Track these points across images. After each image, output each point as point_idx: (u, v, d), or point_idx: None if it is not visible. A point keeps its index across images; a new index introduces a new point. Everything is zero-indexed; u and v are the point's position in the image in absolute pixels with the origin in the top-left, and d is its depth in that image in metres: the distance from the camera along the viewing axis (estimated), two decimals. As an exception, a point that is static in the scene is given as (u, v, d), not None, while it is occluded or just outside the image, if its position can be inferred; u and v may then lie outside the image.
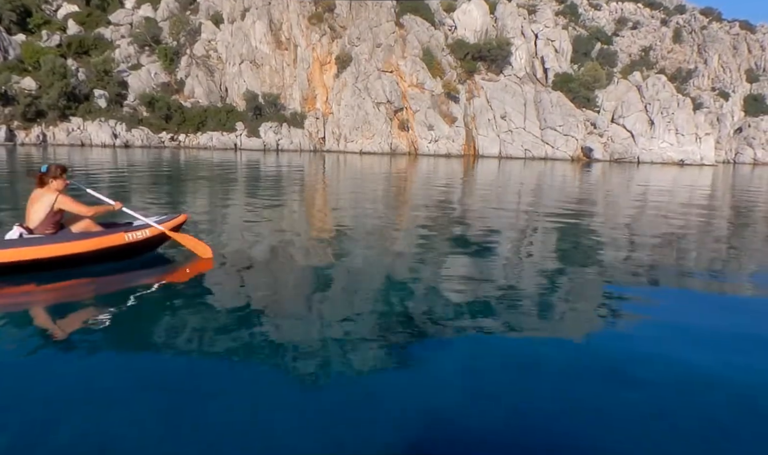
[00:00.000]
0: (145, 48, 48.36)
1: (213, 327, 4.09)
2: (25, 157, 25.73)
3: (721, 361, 3.78)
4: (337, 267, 6.22)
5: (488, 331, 4.26)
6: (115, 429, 2.68)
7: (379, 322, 4.30)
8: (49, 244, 5.01)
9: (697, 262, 7.25)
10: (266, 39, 47.63)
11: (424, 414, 2.92)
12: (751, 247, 8.73)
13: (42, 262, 4.97)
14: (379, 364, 3.54)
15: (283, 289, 5.47)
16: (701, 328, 4.50)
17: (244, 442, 2.60)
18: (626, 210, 13.21)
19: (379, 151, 44.45)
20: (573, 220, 10.84)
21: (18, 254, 4.87)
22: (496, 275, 6.03)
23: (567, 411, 3.01)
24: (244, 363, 3.49)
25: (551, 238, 8.71)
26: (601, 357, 3.81)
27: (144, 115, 43.22)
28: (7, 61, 42.45)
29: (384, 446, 2.62)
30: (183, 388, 3.14)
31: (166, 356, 3.58)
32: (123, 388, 3.10)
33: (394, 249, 7.31)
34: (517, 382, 3.34)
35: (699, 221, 11.69)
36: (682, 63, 69.15)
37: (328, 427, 2.76)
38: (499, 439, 2.73)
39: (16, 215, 8.09)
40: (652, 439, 2.74)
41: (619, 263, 6.93)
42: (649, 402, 3.14)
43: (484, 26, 52.44)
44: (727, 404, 3.17)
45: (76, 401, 2.95)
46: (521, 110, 47.58)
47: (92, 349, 3.63)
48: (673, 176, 28.96)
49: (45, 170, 5.17)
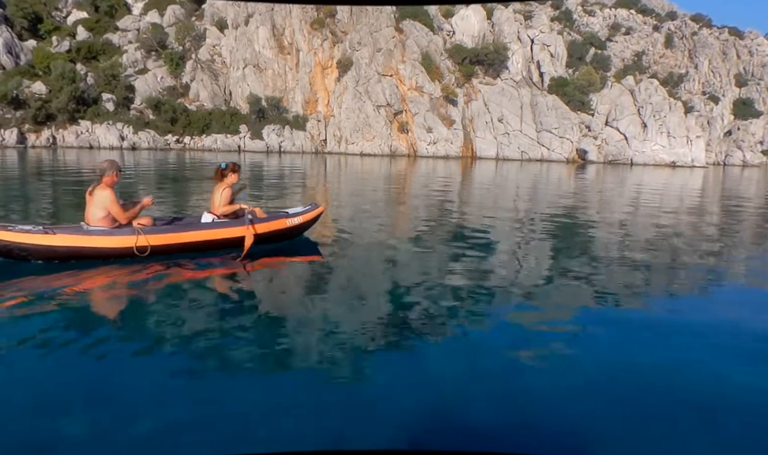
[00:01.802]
0: (151, 53, 48.32)
1: (227, 319, 4.11)
2: (36, 159, 25.72)
3: (711, 353, 3.81)
4: (339, 266, 6.23)
5: (486, 327, 4.28)
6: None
7: (379, 318, 4.31)
8: (236, 226, 6.03)
9: (689, 260, 7.27)
10: (269, 44, 47.60)
11: (423, 407, 2.93)
12: (744, 243, 8.75)
13: (233, 240, 5.98)
14: (379, 359, 3.56)
15: (284, 285, 5.49)
16: (693, 322, 4.52)
17: (250, 433, 2.62)
18: (621, 210, 13.23)
19: (379, 153, 44.43)
20: (569, 220, 10.86)
21: (216, 234, 5.98)
22: (495, 273, 6.05)
23: (562, 402, 3.03)
24: (246, 360, 3.50)
25: (548, 237, 8.73)
26: (594, 350, 3.83)
27: (150, 118, 43.18)
28: (19, 66, 42.40)
29: (385, 438, 2.64)
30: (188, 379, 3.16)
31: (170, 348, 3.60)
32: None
33: (393, 249, 7.32)
34: (514, 377, 3.36)
35: (692, 220, 11.71)
36: (673, 67, 69.12)
37: (330, 419, 2.77)
38: (496, 430, 2.75)
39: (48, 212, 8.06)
40: (644, 429, 2.76)
41: (614, 260, 6.95)
42: (640, 394, 3.16)
43: (482, 31, 52.42)
44: (713, 392, 3.20)
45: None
46: (518, 113, 47.55)
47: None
48: (666, 178, 28.96)
49: (224, 167, 6.26)
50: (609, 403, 3.04)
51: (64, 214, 9.27)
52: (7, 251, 5.25)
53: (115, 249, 5.44)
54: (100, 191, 5.49)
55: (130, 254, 5.46)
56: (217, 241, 5.97)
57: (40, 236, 5.23)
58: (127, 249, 5.45)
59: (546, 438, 2.67)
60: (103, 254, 5.42)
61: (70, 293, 4.65)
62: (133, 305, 4.56)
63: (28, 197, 12.10)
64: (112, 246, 5.43)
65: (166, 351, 3.56)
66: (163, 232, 5.75)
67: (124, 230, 5.52)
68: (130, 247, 5.44)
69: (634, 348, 3.88)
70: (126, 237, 5.47)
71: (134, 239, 5.45)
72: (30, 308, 4.23)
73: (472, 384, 3.25)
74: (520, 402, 3.03)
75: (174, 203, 11.48)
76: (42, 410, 2.73)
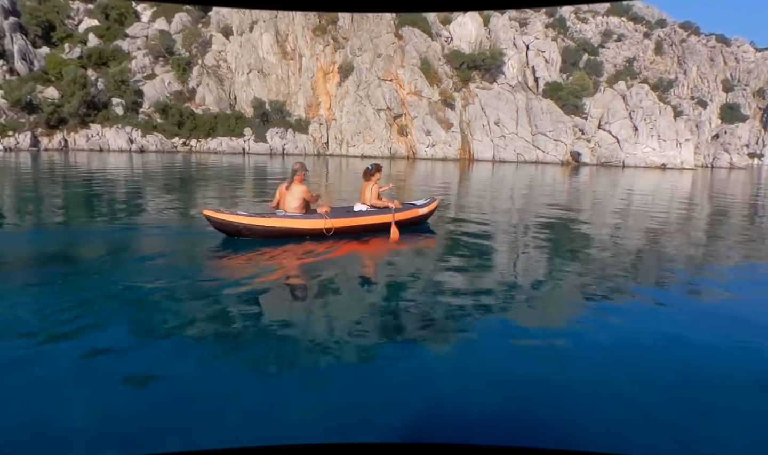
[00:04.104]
0: (159, 59, 48.25)
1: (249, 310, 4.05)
2: (48, 161, 25.68)
3: (701, 344, 3.75)
4: (340, 264, 6.18)
5: (485, 324, 4.22)
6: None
7: (379, 317, 4.25)
8: (386, 214, 7.44)
9: (680, 255, 7.21)
10: (273, 50, 47.55)
11: (424, 402, 2.87)
12: (732, 239, 8.69)
13: (384, 225, 7.34)
14: (378, 357, 3.49)
15: (285, 282, 5.42)
16: (684, 315, 4.46)
17: (254, 427, 2.55)
18: (615, 209, 13.17)
19: (379, 155, 44.37)
20: (565, 219, 10.80)
21: (373, 220, 7.40)
22: (493, 271, 5.99)
23: (560, 395, 2.97)
24: (248, 356, 3.44)
25: (545, 236, 8.67)
26: (590, 345, 3.77)
27: (158, 121, 43.13)
28: (33, 72, 42.37)
29: (386, 431, 2.57)
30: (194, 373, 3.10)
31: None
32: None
33: (393, 247, 7.25)
34: (513, 372, 3.29)
35: (682, 219, 11.65)
36: (663, 73, 69.08)
37: (333, 414, 2.71)
38: (496, 424, 2.69)
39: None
40: (638, 421, 2.70)
41: (608, 258, 6.89)
42: (634, 387, 3.10)
43: (479, 38, 52.36)
44: (704, 382, 3.13)
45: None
46: (514, 117, 47.49)
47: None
48: (657, 179, 28.92)
49: (370, 168, 7.78)
50: (607, 396, 2.98)
51: (116, 214, 9.23)
52: (236, 231, 6.65)
53: (311, 229, 6.89)
54: (296, 185, 6.97)
55: (320, 233, 6.86)
56: (373, 225, 7.42)
57: (262, 220, 6.72)
58: (318, 229, 6.88)
59: (547, 431, 2.61)
60: (302, 233, 6.86)
61: (284, 260, 6.07)
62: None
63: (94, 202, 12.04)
64: (308, 227, 6.88)
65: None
66: (339, 217, 7.18)
67: (314, 215, 7.01)
68: (320, 228, 6.87)
69: (628, 342, 3.82)
70: (317, 220, 6.92)
71: (323, 222, 6.89)
72: (259, 269, 5.59)
73: (472, 378, 3.18)
74: (520, 396, 2.96)
75: (234, 201, 11.42)
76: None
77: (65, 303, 4.12)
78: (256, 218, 6.74)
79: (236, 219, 6.60)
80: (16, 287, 4.73)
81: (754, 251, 8.10)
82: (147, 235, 7.52)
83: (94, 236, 7.25)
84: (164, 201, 11.62)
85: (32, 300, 4.28)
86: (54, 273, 5.17)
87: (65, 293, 4.48)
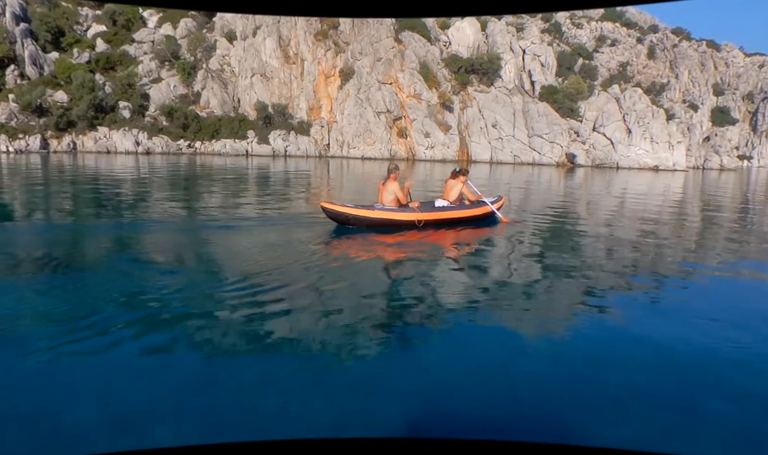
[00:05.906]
0: (165, 63, 48.21)
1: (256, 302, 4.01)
2: (57, 163, 25.65)
3: (693, 340, 3.72)
4: (341, 263, 6.14)
5: (483, 321, 4.18)
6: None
7: (379, 315, 4.22)
8: (476, 208, 8.67)
9: (672, 254, 7.18)
10: (275, 54, 47.51)
11: (423, 397, 2.84)
12: (721, 238, 8.66)
13: (470, 218, 8.50)
14: (379, 354, 3.46)
15: (285, 281, 5.39)
16: (676, 312, 4.43)
17: (257, 422, 2.52)
18: (609, 209, 13.14)
19: (379, 156, 44.36)
20: (561, 218, 10.77)
21: (461, 214, 8.46)
22: (492, 270, 5.96)
23: (555, 391, 2.94)
24: (250, 354, 3.41)
25: (542, 235, 8.64)
26: (583, 341, 3.75)
27: (164, 124, 43.10)
28: (43, 76, 42.30)
29: (386, 426, 2.54)
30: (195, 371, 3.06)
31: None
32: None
33: (392, 249, 7.22)
34: (510, 368, 3.27)
35: (675, 218, 11.61)
36: (655, 77, 69.00)
37: (334, 409, 2.68)
38: (494, 418, 2.66)
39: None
40: (630, 415, 2.68)
41: (602, 256, 6.85)
42: (626, 382, 3.08)
43: (476, 42, 52.31)
44: (699, 380, 3.11)
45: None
46: (510, 119, 47.45)
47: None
48: (650, 180, 28.88)
49: (458, 170, 8.94)
50: (601, 391, 2.96)
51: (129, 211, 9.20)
52: (345, 220, 7.69)
53: (405, 221, 7.88)
54: (391, 183, 7.97)
55: (412, 225, 7.83)
56: (460, 218, 8.38)
57: (366, 212, 7.68)
58: (411, 222, 7.87)
59: (544, 426, 2.58)
60: (398, 224, 7.84)
61: (383, 246, 6.94)
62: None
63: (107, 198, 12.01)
64: (403, 219, 7.88)
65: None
66: (428, 211, 8.13)
67: (407, 209, 7.99)
68: (413, 220, 7.87)
69: (621, 338, 3.79)
70: (410, 214, 7.92)
71: (415, 215, 7.88)
72: (363, 253, 6.39)
73: (469, 375, 3.15)
74: (516, 392, 2.94)
75: (262, 206, 11.39)
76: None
77: (107, 293, 4.13)
78: (361, 209, 7.73)
79: (346, 211, 7.62)
80: (91, 277, 4.95)
81: (743, 247, 8.08)
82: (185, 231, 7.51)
83: (146, 229, 7.76)
84: (199, 201, 11.60)
85: (99, 285, 4.60)
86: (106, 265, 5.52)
87: (108, 282, 4.48)
